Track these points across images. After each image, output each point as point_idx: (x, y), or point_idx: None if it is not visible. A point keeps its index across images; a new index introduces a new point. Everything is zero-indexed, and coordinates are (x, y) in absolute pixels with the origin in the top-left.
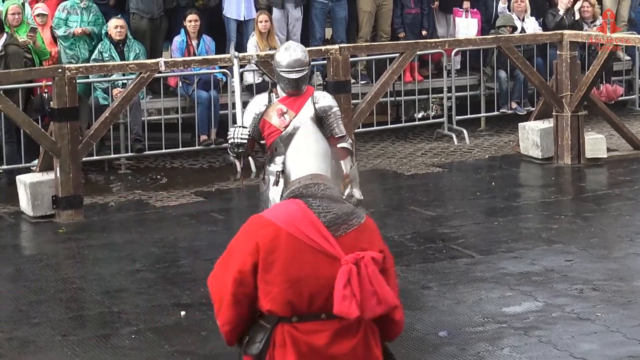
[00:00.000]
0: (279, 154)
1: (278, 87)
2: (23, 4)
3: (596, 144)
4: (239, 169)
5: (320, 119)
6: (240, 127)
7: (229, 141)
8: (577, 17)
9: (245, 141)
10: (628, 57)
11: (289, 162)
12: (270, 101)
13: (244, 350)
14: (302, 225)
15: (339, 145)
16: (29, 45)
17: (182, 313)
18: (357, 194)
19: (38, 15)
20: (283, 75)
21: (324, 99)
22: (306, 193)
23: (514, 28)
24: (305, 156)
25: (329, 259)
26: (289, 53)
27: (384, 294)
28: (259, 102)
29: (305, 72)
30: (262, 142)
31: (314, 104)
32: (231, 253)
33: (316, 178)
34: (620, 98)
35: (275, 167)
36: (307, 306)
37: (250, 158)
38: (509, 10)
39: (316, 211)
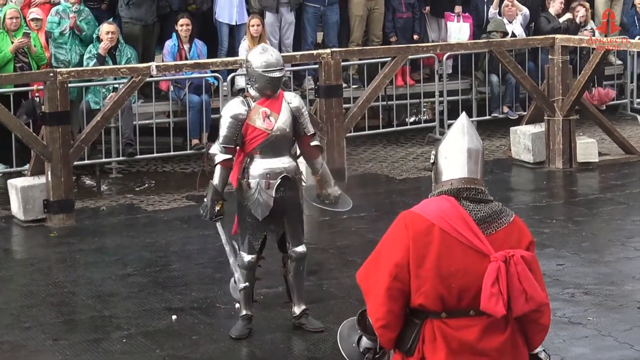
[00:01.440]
0: (262, 157)
1: (251, 91)
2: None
3: (588, 148)
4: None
5: (295, 119)
6: (209, 208)
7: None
8: (577, 19)
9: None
10: (620, 62)
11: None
12: (248, 105)
13: (397, 348)
14: (454, 221)
15: (312, 144)
16: (25, 49)
17: (174, 317)
18: (333, 191)
19: (32, 19)
20: (265, 75)
21: (296, 99)
22: (459, 194)
23: (505, 33)
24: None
25: (479, 255)
26: (269, 53)
27: (532, 292)
28: (238, 107)
29: (284, 72)
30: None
31: (288, 104)
32: (383, 249)
33: (469, 182)
34: (611, 102)
35: (262, 170)
36: (456, 302)
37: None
38: (500, 15)
39: (467, 209)
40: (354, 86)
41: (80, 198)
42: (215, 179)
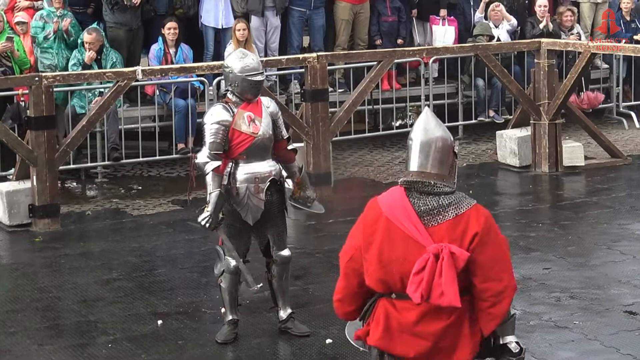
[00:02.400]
0: (248, 162)
1: (231, 97)
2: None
3: (574, 152)
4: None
5: (273, 123)
6: (213, 217)
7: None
8: (551, 27)
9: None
10: (606, 65)
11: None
12: (231, 111)
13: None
14: (398, 212)
15: (289, 147)
16: (8, 53)
17: (159, 322)
18: (311, 193)
19: (18, 23)
20: (248, 79)
21: (272, 103)
22: (410, 185)
23: (491, 37)
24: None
25: (418, 245)
26: (251, 57)
27: (447, 289)
28: (222, 113)
29: (265, 75)
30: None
31: (267, 108)
32: (352, 230)
33: (417, 175)
34: (599, 106)
35: (250, 174)
36: (400, 286)
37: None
38: (486, 19)
39: (413, 201)
40: (340, 90)
41: (65, 203)
42: (213, 187)
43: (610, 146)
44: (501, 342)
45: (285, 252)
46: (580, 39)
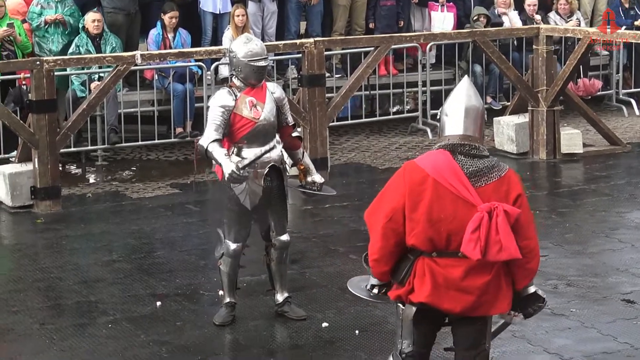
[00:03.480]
0: (249, 146)
1: (236, 81)
2: None
3: (572, 139)
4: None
5: (278, 109)
6: (238, 169)
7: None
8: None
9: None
10: (605, 52)
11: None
12: (235, 95)
13: (392, 277)
14: (447, 173)
15: (293, 135)
16: (11, 38)
17: (158, 303)
18: (318, 178)
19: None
20: (251, 64)
21: (278, 89)
22: (454, 149)
23: (488, 18)
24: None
25: (468, 205)
26: (254, 43)
27: (507, 243)
28: (226, 97)
29: (269, 61)
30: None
31: (272, 94)
32: (386, 192)
33: (464, 139)
34: (597, 93)
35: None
36: (445, 244)
37: None
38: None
39: (460, 163)
40: (337, 75)
41: (66, 185)
42: (216, 151)
43: (609, 133)
44: (528, 293)
45: (285, 237)
46: (579, 26)
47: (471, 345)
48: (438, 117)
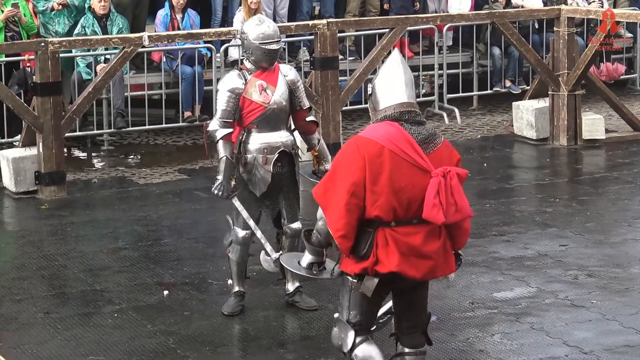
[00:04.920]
0: (259, 131)
1: (247, 64)
2: None
3: (594, 124)
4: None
5: (290, 92)
6: (225, 185)
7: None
8: None
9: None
10: (629, 34)
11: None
12: (245, 78)
13: (352, 254)
14: (401, 143)
15: (308, 119)
16: (15, 19)
17: (165, 292)
18: (330, 166)
19: None
20: (262, 47)
21: (292, 72)
22: (400, 117)
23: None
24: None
25: (422, 171)
26: (266, 25)
27: (461, 204)
28: (235, 80)
29: (281, 44)
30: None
31: (284, 77)
32: (338, 169)
33: (409, 106)
34: (620, 77)
35: (259, 145)
36: (405, 212)
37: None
38: None
39: (410, 132)
40: (350, 58)
41: (71, 170)
42: (222, 154)
43: (632, 119)
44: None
45: (296, 225)
46: (602, 7)
47: (420, 309)
48: (369, 93)
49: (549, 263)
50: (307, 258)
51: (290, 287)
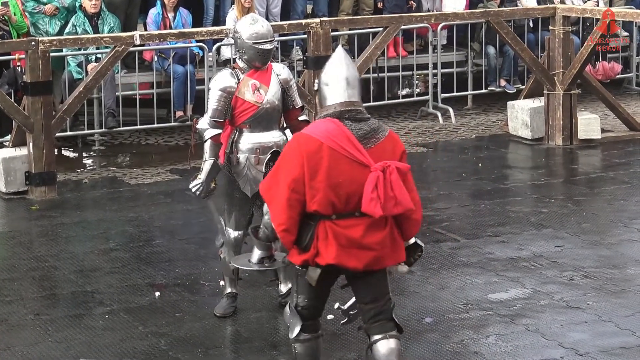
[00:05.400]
0: (251, 131)
1: (240, 63)
2: None
3: (590, 124)
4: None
5: (283, 92)
6: (205, 185)
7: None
8: None
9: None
10: (625, 33)
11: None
12: (237, 78)
13: (296, 245)
14: (340, 139)
15: (300, 119)
16: (5, 17)
17: (157, 294)
18: None
19: None
20: (255, 46)
21: (285, 71)
22: (341, 116)
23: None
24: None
25: (362, 166)
26: (260, 24)
27: (401, 197)
28: (228, 79)
29: (274, 43)
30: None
31: (277, 76)
32: (281, 165)
33: (349, 105)
34: (616, 76)
35: (252, 145)
36: (344, 206)
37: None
38: None
39: (350, 128)
40: None
41: (62, 170)
42: (209, 156)
43: (628, 118)
44: (409, 244)
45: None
46: (598, 5)
47: (379, 296)
48: (315, 88)
49: (545, 264)
50: (256, 254)
51: (283, 288)
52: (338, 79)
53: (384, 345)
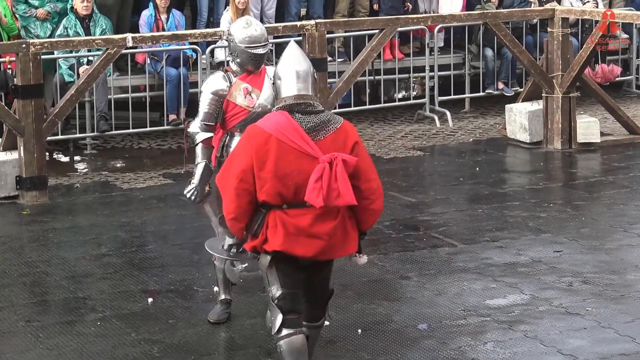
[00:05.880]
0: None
1: (233, 66)
2: None
3: (589, 127)
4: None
5: (277, 95)
6: (199, 189)
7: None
8: None
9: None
10: (625, 35)
11: None
12: (230, 81)
13: (246, 231)
14: (288, 132)
15: None
16: None
17: (150, 300)
18: None
19: None
20: (248, 50)
21: None
22: (292, 109)
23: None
24: None
25: (310, 158)
26: (254, 28)
27: (344, 190)
28: (219, 82)
29: (268, 47)
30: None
31: (270, 80)
32: (234, 156)
33: (300, 98)
34: (616, 79)
35: None
36: (293, 196)
37: None
38: None
39: (299, 121)
40: (339, 60)
41: (53, 175)
42: (200, 159)
43: (628, 122)
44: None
45: None
46: (597, 7)
47: (321, 286)
48: (272, 82)
49: (543, 269)
50: (227, 241)
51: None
52: (289, 73)
53: (307, 332)
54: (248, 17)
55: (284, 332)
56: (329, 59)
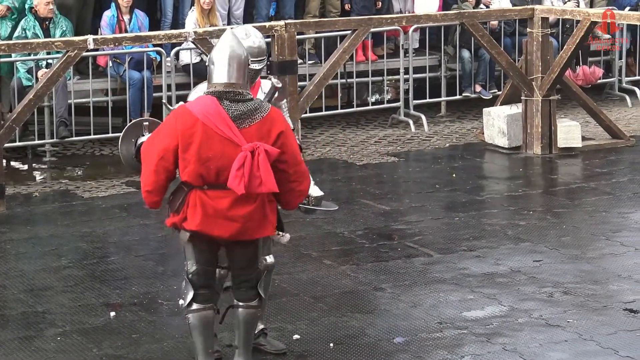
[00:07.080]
0: None
1: None
2: None
3: (570, 132)
4: None
5: None
6: None
7: None
8: None
9: None
10: (607, 36)
11: None
12: None
13: (168, 206)
14: (214, 117)
15: None
16: None
17: (112, 314)
18: (314, 191)
19: None
20: None
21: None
22: (221, 96)
23: (478, 1)
24: None
25: (233, 145)
26: (252, 40)
27: (266, 179)
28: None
29: (264, 63)
30: None
31: (264, 94)
32: (160, 132)
33: (229, 86)
34: (598, 81)
35: None
36: (214, 178)
37: None
38: None
39: (226, 108)
40: (310, 62)
41: (11, 183)
42: None
43: (611, 126)
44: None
45: (269, 259)
46: (578, 6)
47: (246, 266)
48: (206, 64)
49: (522, 280)
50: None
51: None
52: (222, 60)
53: (243, 312)
54: (248, 26)
55: (194, 306)
56: (299, 61)
